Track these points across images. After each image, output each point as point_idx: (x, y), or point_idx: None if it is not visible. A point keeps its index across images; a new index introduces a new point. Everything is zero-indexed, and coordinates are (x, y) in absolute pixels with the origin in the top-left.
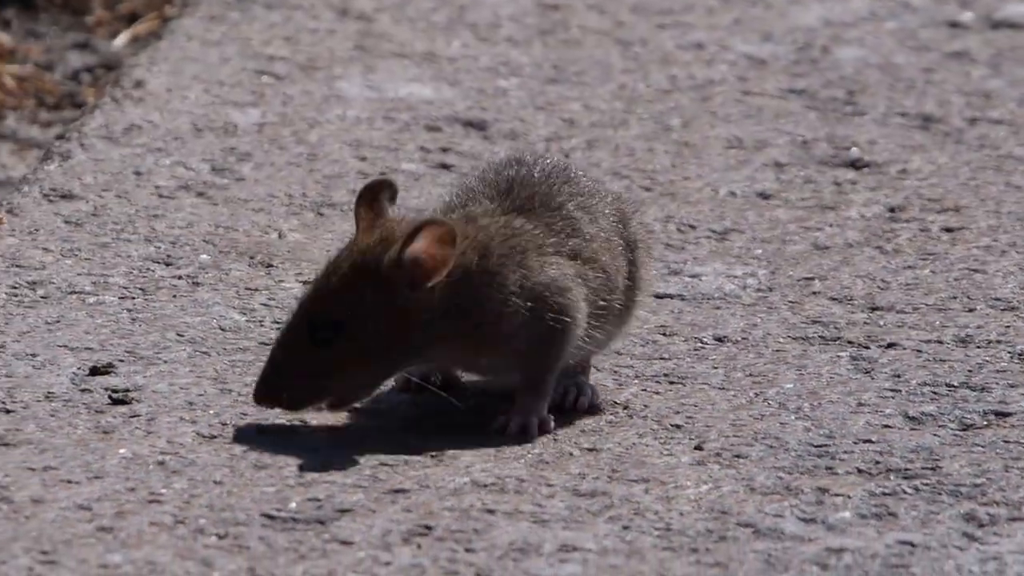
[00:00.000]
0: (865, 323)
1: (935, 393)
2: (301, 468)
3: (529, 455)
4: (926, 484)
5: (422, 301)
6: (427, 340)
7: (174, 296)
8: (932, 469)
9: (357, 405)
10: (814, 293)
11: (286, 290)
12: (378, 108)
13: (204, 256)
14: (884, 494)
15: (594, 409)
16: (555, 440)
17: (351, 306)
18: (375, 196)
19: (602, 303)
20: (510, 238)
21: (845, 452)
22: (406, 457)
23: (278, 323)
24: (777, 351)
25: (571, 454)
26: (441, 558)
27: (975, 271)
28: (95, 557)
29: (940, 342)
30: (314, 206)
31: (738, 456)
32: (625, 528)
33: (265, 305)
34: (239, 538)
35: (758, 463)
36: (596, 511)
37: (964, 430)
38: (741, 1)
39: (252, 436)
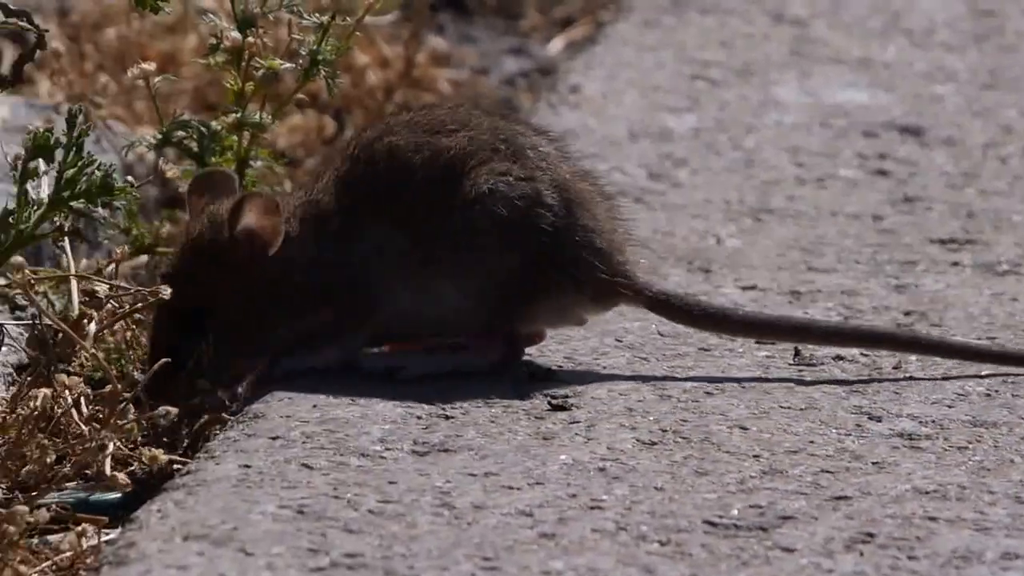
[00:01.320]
0: None
1: None
2: (742, 474)
3: (970, 462)
4: None
5: (265, 272)
6: (285, 310)
7: None
8: None
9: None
10: None
11: (725, 296)
12: (814, 113)
13: (642, 261)
14: None
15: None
16: (996, 447)
17: (206, 291)
18: (204, 187)
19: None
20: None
21: None
22: (847, 464)
23: None
24: None
25: (1012, 461)
26: (883, 565)
27: None
28: (537, 563)
29: None
30: (751, 212)
31: None
32: None
33: None
34: (681, 545)
35: None
36: None
37: None
38: None
39: (693, 442)
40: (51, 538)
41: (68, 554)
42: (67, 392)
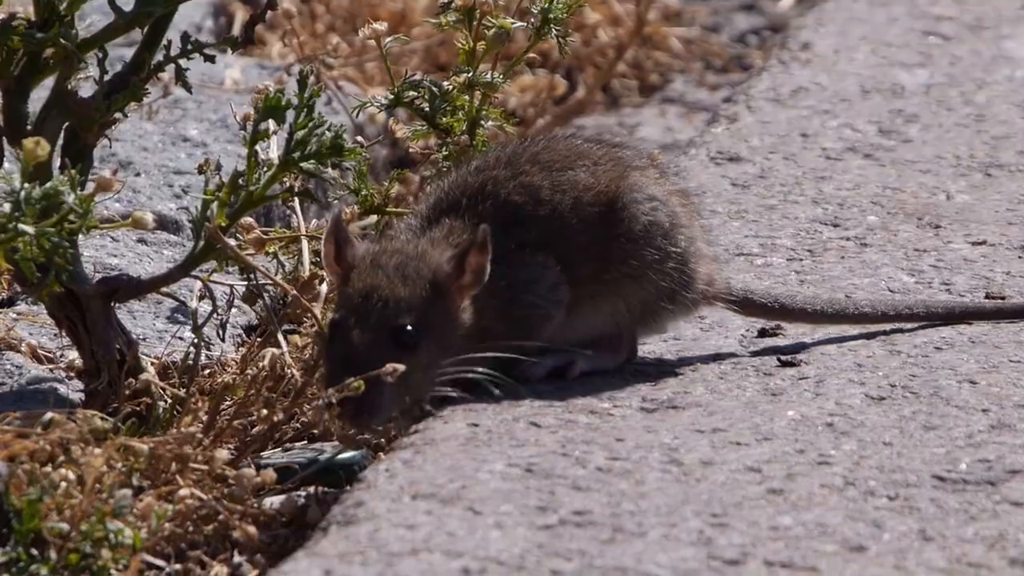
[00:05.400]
0: None
1: None
2: (970, 428)
3: None
4: None
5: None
6: (468, 333)
7: (842, 257)
8: None
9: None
10: None
11: (955, 251)
12: None
13: (872, 217)
14: None
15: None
16: None
17: (426, 313)
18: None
19: None
20: None
21: None
22: None
23: (947, 285)
24: None
25: None
26: None
27: None
28: (765, 519)
29: None
30: (982, 167)
31: None
32: None
33: (934, 267)
34: (909, 499)
35: None
36: None
37: None
38: None
39: (921, 397)
40: (279, 498)
41: (297, 513)
42: (296, 353)
